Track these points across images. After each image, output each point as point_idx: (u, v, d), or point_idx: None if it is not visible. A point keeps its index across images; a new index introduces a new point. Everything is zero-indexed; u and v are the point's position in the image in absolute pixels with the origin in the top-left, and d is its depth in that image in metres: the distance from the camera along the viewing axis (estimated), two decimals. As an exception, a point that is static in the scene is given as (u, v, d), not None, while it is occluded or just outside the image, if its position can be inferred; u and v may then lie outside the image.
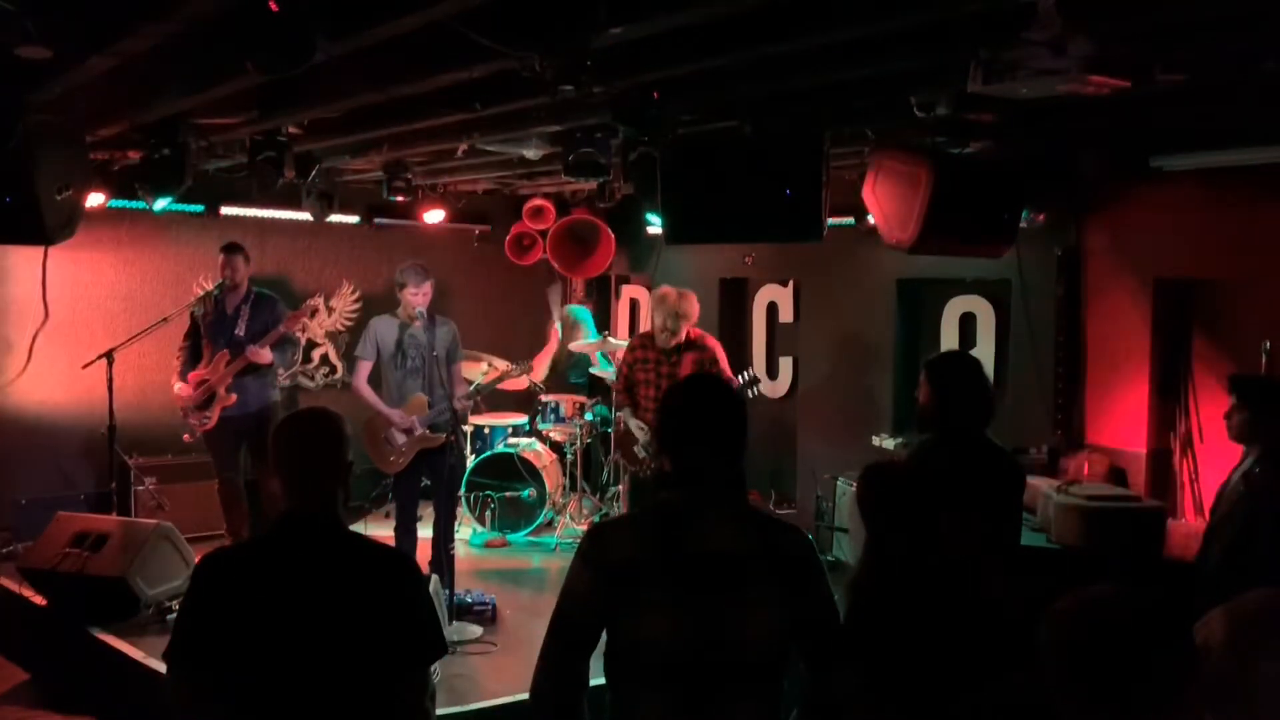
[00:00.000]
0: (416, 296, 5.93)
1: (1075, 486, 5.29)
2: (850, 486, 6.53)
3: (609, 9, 3.13)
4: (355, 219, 8.68)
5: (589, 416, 8.17)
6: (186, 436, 6.71)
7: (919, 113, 4.30)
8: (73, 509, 6.67)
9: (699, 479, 2.36)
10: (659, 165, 4.87)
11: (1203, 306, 5.65)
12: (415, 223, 8.63)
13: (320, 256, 8.83)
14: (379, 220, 8.74)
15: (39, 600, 5.92)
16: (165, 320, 6.92)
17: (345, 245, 8.89)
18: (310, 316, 8.60)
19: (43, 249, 4.96)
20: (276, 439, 2.53)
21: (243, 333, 6.60)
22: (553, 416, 8.35)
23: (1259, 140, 4.88)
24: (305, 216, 7.93)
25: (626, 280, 9.59)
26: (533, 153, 5.78)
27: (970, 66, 3.34)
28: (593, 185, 7.10)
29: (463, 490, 7.59)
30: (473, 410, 8.00)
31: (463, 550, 7.09)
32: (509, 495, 7.80)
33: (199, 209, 7.81)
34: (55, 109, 4.47)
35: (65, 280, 7.43)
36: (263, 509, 6.54)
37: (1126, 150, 5.47)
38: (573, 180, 6.78)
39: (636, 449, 6.78)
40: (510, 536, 7.80)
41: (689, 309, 6.48)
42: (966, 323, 6.74)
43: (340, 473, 2.51)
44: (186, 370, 6.67)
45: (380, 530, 7.16)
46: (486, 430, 8.23)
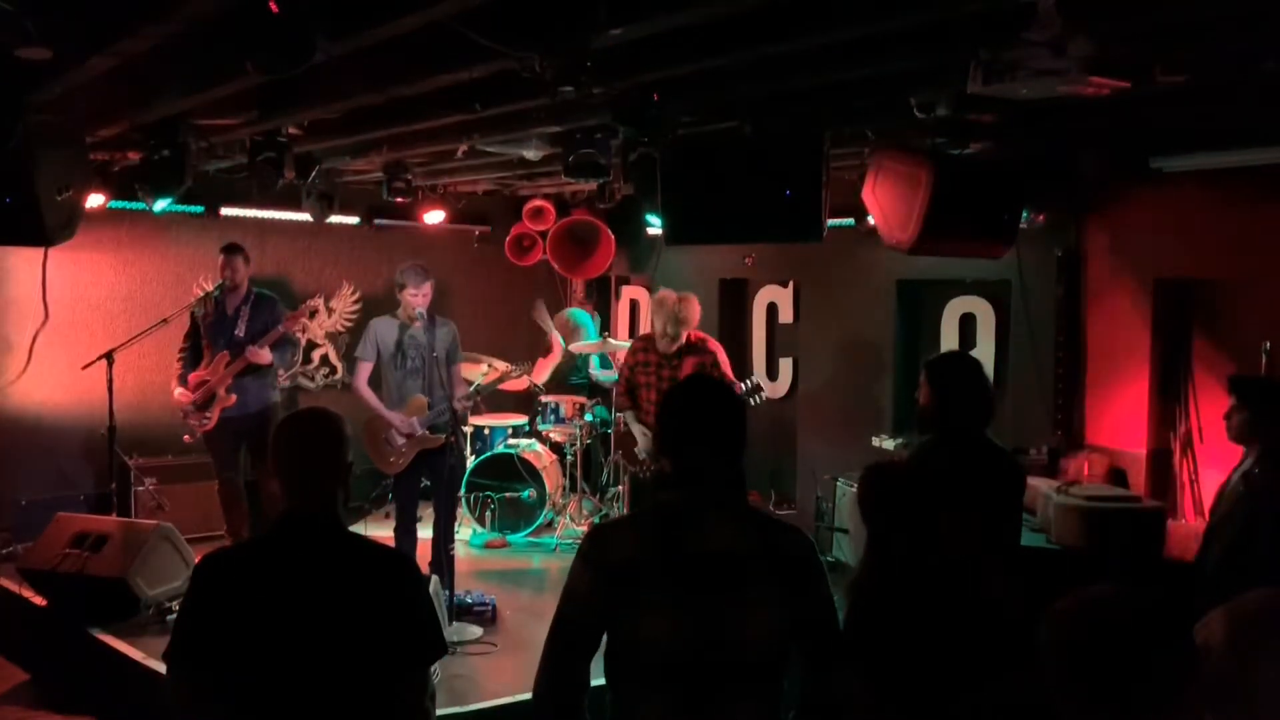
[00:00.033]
0: (416, 297, 5.93)
1: (1075, 487, 5.29)
2: (850, 487, 6.53)
3: (609, 9, 3.13)
4: (355, 220, 8.68)
5: (589, 417, 8.17)
6: (187, 437, 6.71)
7: (919, 113, 4.31)
8: (73, 509, 6.68)
9: (699, 479, 2.36)
10: (659, 166, 4.87)
11: (1203, 306, 5.65)
12: (415, 223, 8.63)
13: (320, 257, 8.84)
14: (379, 221, 8.74)
15: (39, 600, 5.93)
16: (165, 321, 6.92)
17: (345, 246, 8.89)
18: (310, 317, 8.60)
19: (43, 250, 4.97)
20: (276, 439, 2.52)
21: (243, 333, 6.60)
22: (553, 417, 8.35)
23: (1259, 140, 4.89)
24: (305, 217, 7.93)
25: (626, 281, 9.58)
26: (533, 153, 5.78)
27: (970, 67, 3.34)
28: (593, 186, 7.11)
29: (463, 491, 7.59)
30: (473, 411, 8.00)
31: (463, 551, 7.09)
32: (509, 496, 7.80)
33: (199, 210, 7.81)
34: (55, 109, 4.47)
35: (65, 281, 7.43)
36: (263, 509, 6.54)
37: (1126, 150, 5.47)
38: (573, 181, 6.79)
39: (636, 450, 6.79)
40: (510, 537, 7.81)
41: (689, 313, 6.46)
42: (966, 323, 6.74)
43: (340, 473, 2.51)
44: (187, 372, 6.67)
45: (380, 531, 7.16)
46: (486, 431, 8.23)
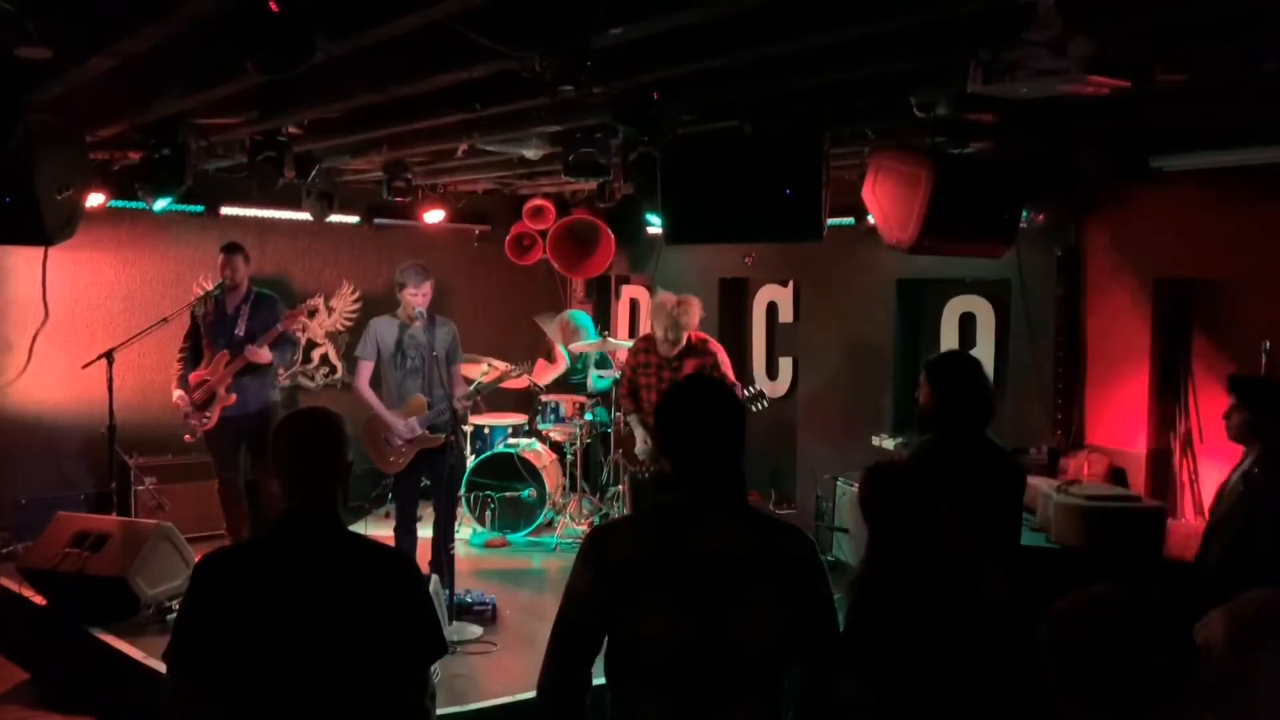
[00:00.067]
0: (416, 297, 5.93)
1: (1075, 486, 5.29)
2: (850, 487, 6.53)
3: (609, 9, 3.13)
4: (355, 219, 8.67)
5: (589, 416, 8.17)
6: (187, 437, 6.71)
7: (919, 113, 4.31)
8: (73, 509, 6.68)
9: (699, 479, 2.36)
10: (659, 165, 4.87)
11: (1203, 306, 5.64)
12: (415, 223, 8.63)
13: (320, 256, 8.83)
14: (379, 220, 8.74)
15: (39, 600, 5.92)
16: (165, 320, 6.91)
17: (345, 245, 8.89)
18: (310, 316, 8.60)
19: (43, 249, 4.96)
20: (276, 439, 2.52)
21: (242, 333, 6.60)
22: (553, 417, 8.35)
23: (1259, 140, 4.89)
24: (305, 216, 7.93)
25: (626, 280, 9.58)
26: (533, 153, 5.78)
27: (970, 66, 3.34)
28: (593, 185, 7.10)
29: (463, 490, 7.59)
30: (473, 410, 8.00)
31: (463, 550, 7.09)
32: (509, 495, 7.80)
33: (199, 209, 7.81)
34: (55, 109, 4.47)
35: (65, 280, 7.43)
36: (263, 509, 6.54)
37: (1126, 150, 5.47)
38: (573, 180, 6.78)
39: (636, 450, 6.79)
40: (510, 536, 7.81)
41: (688, 317, 6.44)
42: (966, 323, 6.74)
43: (340, 473, 2.51)
44: (187, 371, 6.67)
45: (380, 530, 7.16)
46: (486, 430, 8.23)
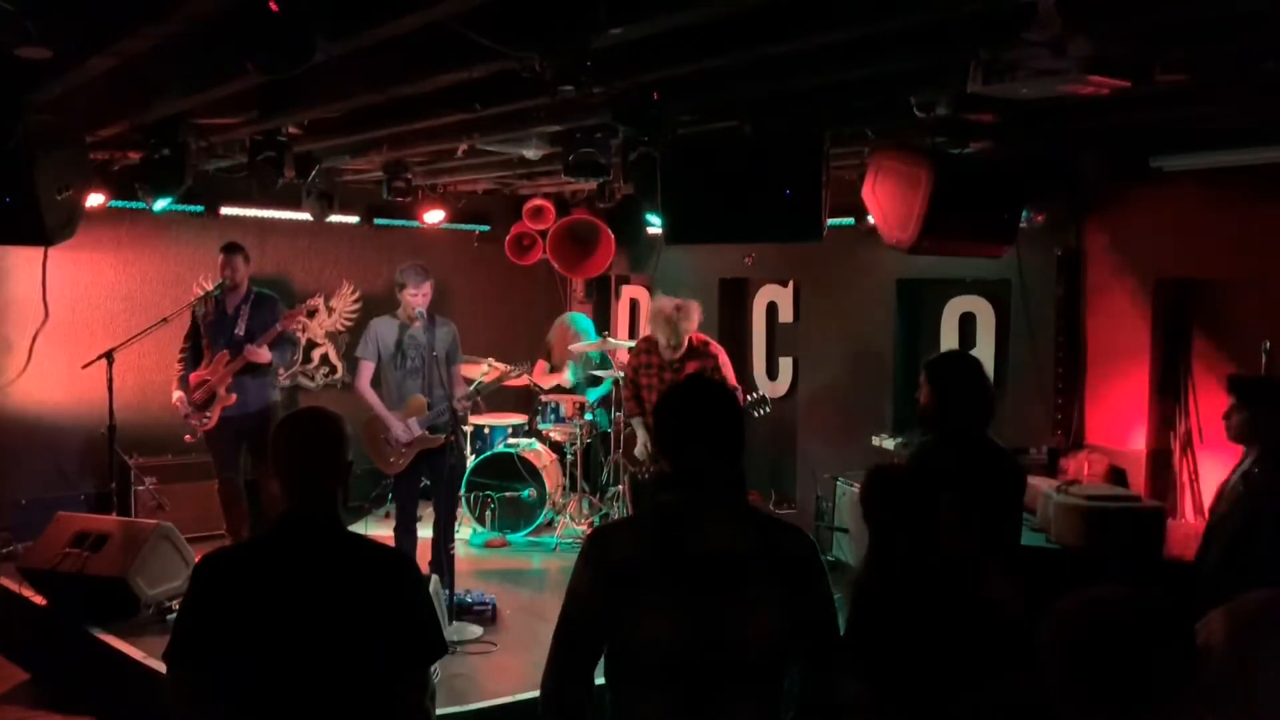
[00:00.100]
0: (416, 297, 5.93)
1: (1075, 486, 5.29)
2: (850, 487, 6.53)
3: (609, 9, 3.13)
4: (355, 219, 8.67)
5: (589, 417, 8.17)
6: (188, 437, 6.71)
7: (919, 113, 4.31)
8: (73, 509, 6.68)
9: (699, 480, 2.36)
10: (659, 165, 4.87)
11: (1203, 306, 5.64)
12: (415, 223, 8.63)
13: (320, 256, 8.83)
14: (379, 220, 8.74)
15: (39, 600, 5.92)
16: (165, 320, 6.91)
17: (345, 245, 8.89)
18: (310, 316, 8.60)
19: (43, 249, 4.96)
20: (276, 439, 2.52)
21: (242, 332, 6.60)
22: (553, 417, 8.35)
23: (1259, 140, 4.89)
24: (305, 216, 7.93)
25: (626, 280, 9.58)
26: (533, 153, 5.78)
27: (970, 66, 3.34)
28: (593, 185, 7.10)
29: (463, 490, 7.59)
30: (473, 410, 8.00)
31: (463, 550, 7.09)
32: (509, 495, 7.80)
33: (199, 209, 7.81)
34: (55, 109, 4.46)
35: (65, 280, 7.43)
36: (263, 509, 6.54)
37: (1126, 150, 5.47)
38: (573, 180, 6.78)
39: (636, 451, 6.80)
40: (510, 536, 7.81)
41: (688, 322, 6.44)
42: (966, 323, 6.74)
43: (340, 473, 2.51)
44: (188, 372, 6.67)
45: (380, 530, 7.16)
46: (486, 430, 8.23)
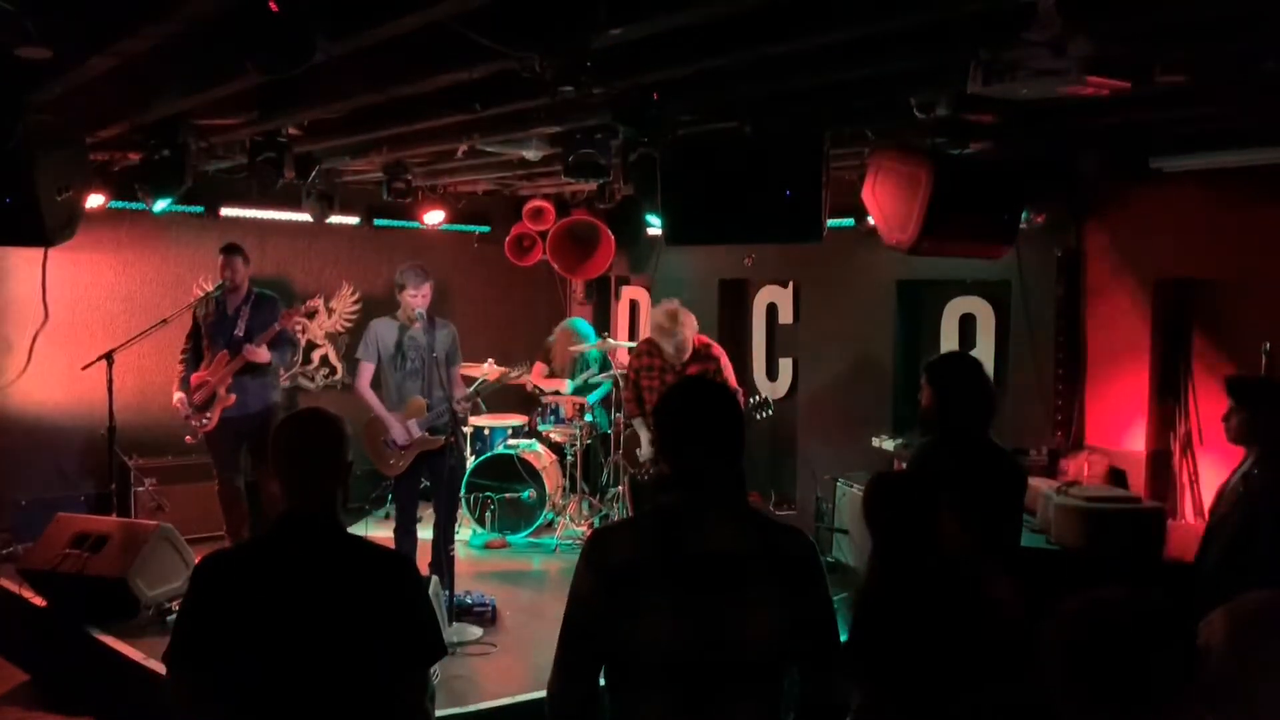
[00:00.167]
0: (416, 298, 5.93)
1: (1075, 487, 5.29)
2: (850, 487, 6.53)
3: (609, 9, 3.13)
4: (355, 220, 8.67)
5: (589, 418, 8.17)
6: (189, 438, 6.71)
7: (919, 113, 4.31)
8: (73, 510, 6.68)
9: (698, 481, 2.36)
10: (659, 166, 4.87)
11: (1203, 307, 5.64)
12: (415, 223, 8.63)
13: (320, 257, 8.83)
14: (379, 221, 8.74)
15: (39, 601, 5.93)
16: (165, 321, 6.92)
17: (345, 246, 8.89)
18: (310, 317, 8.60)
19: (43, 250, 4.96)
20: (276, 440, 2.52)
21: (242, 332, 6.60)
22: (553, 418, 8.35)
23: (1259, 140, 4.88)
24: (305, 217, 7.93)
25: (626, 281, 9.58)
26: (533, 153, 5.78)
27: (970, 67, 3.34)
28: (593, 186, 7.10)
29: (463, 491, 7.58)
30: (473, 412, 8.00)
31: (463, 551, 7.09)
32: (509, 496, 7.80)
33: (199, 210, 7.81)
34: (55, 109, 4.46)
35: (65, 281, 7.43)
36: (263, 509, 6.54)
37: (1126, 150, 5.47)
38: (573, 181, 6.78)
39: (637, 451, 6.80)
40: (510, 538, 7.81)
41: (688, 330, 6.45)
42: (966, 324, 6.74)
43: (340, 474, 2.51)
44: (188, 372, 6.68)
45: (380, 532, 7.16)
46: (486, 431, 8.23)
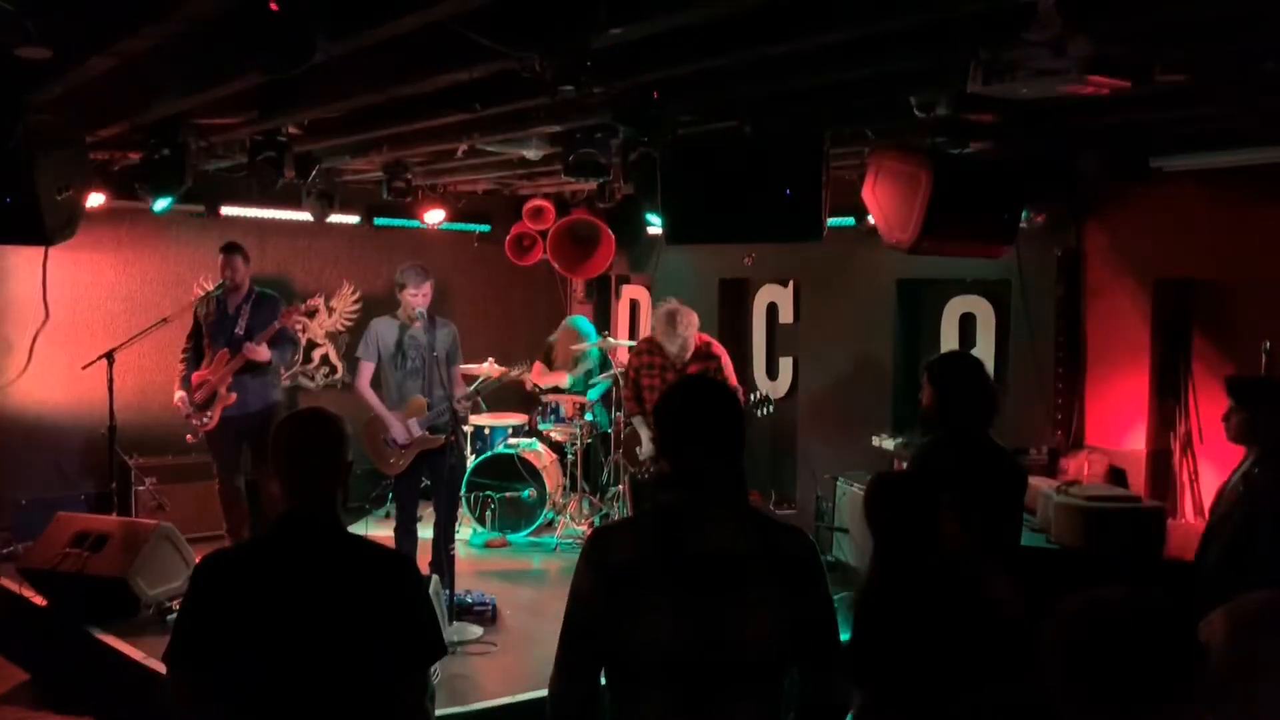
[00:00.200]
0: (416, 297, 5.93)
1: (1075, 487, 5.29)
2: (850, 487, 6.53)
3: (609, 9, 3.12)
4: (355, 219, 8.67)
5: (589, 417, 8.17)
6: (189, 437, 6.71)
7: (919, 113, 4.31)
8: (73, 509, 6.68)
9: (698, 480, 2.36)
10: (659, 165, 4.87)
11: (1203, 306, 5.64)
12: (415, 223, 8.63)
13: (320, 257, 8.84)
14: (379, 220, 8.74)
15: (39, 600, 5.93)
16: (165, 321, 6.92)
17: (345, 245, 8.89)
18: (310, 316, 8.60)
19: (43, 249, 4.96)
20: (276, 439, 2.52)
21: (243, 331, 6.60)
22: (553, 417, 8.35)
23: (1259, 140, 4.88)
24: (305, 216, 7.92)
25: (627, 280, 9.58)
26: (533, 153, 5.78)
27: (970, 66, 3.34)
28: (593, 185, 7.10)
29: (463, 491, 7.58)
30: (474, 411, 8.00)
31: (463, 550, 7.09)
32: (509, 495, 7.80)
33: (199, 209, 7.79)
34: (55, 109, 4.46)
35: (65, 280, 7.43)
36: (263, 509, 6.54)
37: (1126, 150, 5.47)
38: (573, 180, 6.78)
39: (638, 450, 6.80)
40: (510, 537, 7.81)
41: (691, 329, 6.48)
42: (966, 323, 6.74)
43: (340, 473, 2.51)
44: (190, 372, 6.68)
45: (380, 531, 7.17)
46: (487, 430, 8.23)
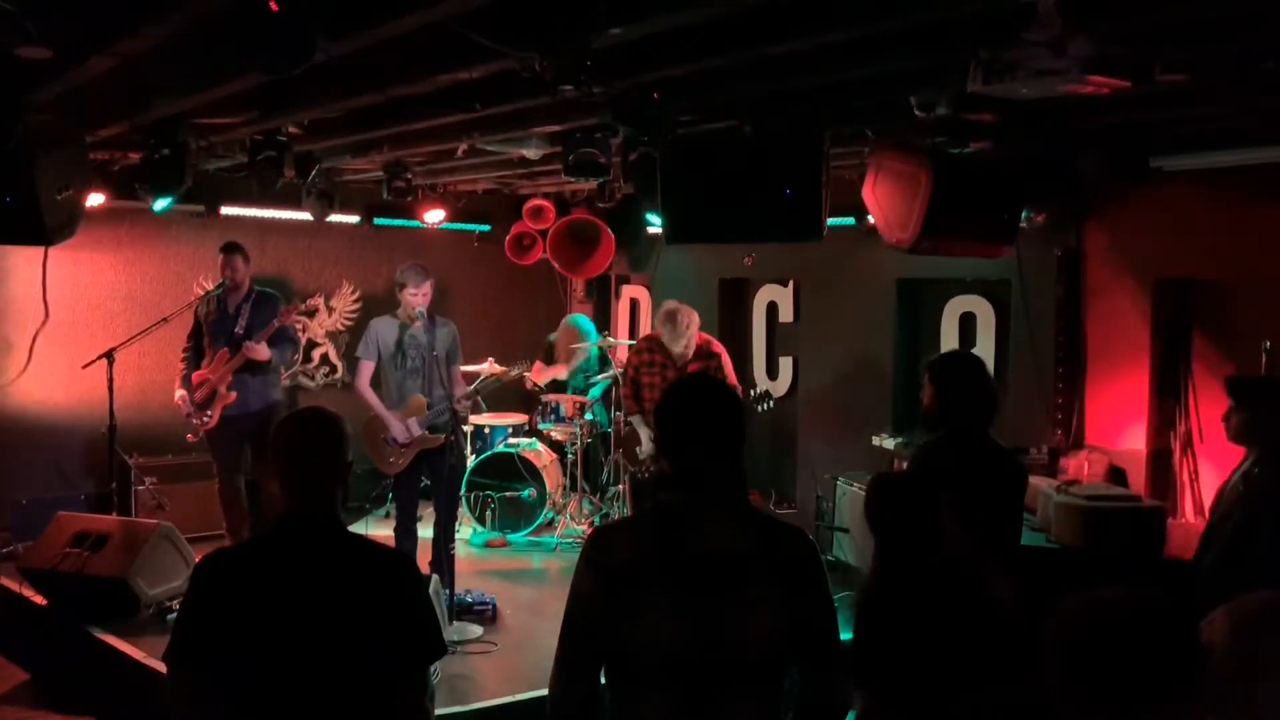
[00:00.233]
0: (416, 297, 5.93)
1: (1075, 486, 5.29)
2: (850, 486, 6.53)
3: (609, 9, 3.12)
4: (355, 219, 8.67)
5: (589, 416, 8.17)
6: (190, 437, 6.71)
7: (919, 113, 4.31)
8: (73, 509, 6.67)
9: (699, 480, 2.35)
10: (659, 165, 4.87)
11: (1203, 306, 5.64)
12: (415, 223, 8.63)
13: (320, 256, 8.83)
14: (379, 220, 8.74)
15: (39, 600, 5.92)
16: (165, 320, 6.92)
17: (345, 245, 8.89)
18: (310, 316, 8.61)
19: (43, 249, 4.96)
20: (276, 439, 2.52)
21: (243, 330, 6.61)
22: (553, 416, 8.35)
23: (1259, 140, 4.88)
24: (305, 216, 7.93)
25: (627, 280, 9.58)
26: (533, 153, 5.78)
27: (970, 66, 3.34)
28: (593, 185, 7.10)
29: (463, 490, 7.58)
30: (473, 410, 7.99)
31: (463, 550, 7.09)
32: (509, 495, 7.80)
33: (199, 209, 7.80)
34: (55, 109, 4.47)
35: (65, 280, 7.43)
36: (263, 509, 6.54)
37: (1126, 150, 5.47)
38: (573, 180, 6.78)
39: (638, 449, 6.79)
40: (510, 536, 7.81)
41: (694, 328, 6.51)
42: (966, 323, 6.74)
43: (340, 473, 2.51)
44: (190, 371, 6.68)
45: (380, 531, 7.17)
46: (487, 430, 8.23)
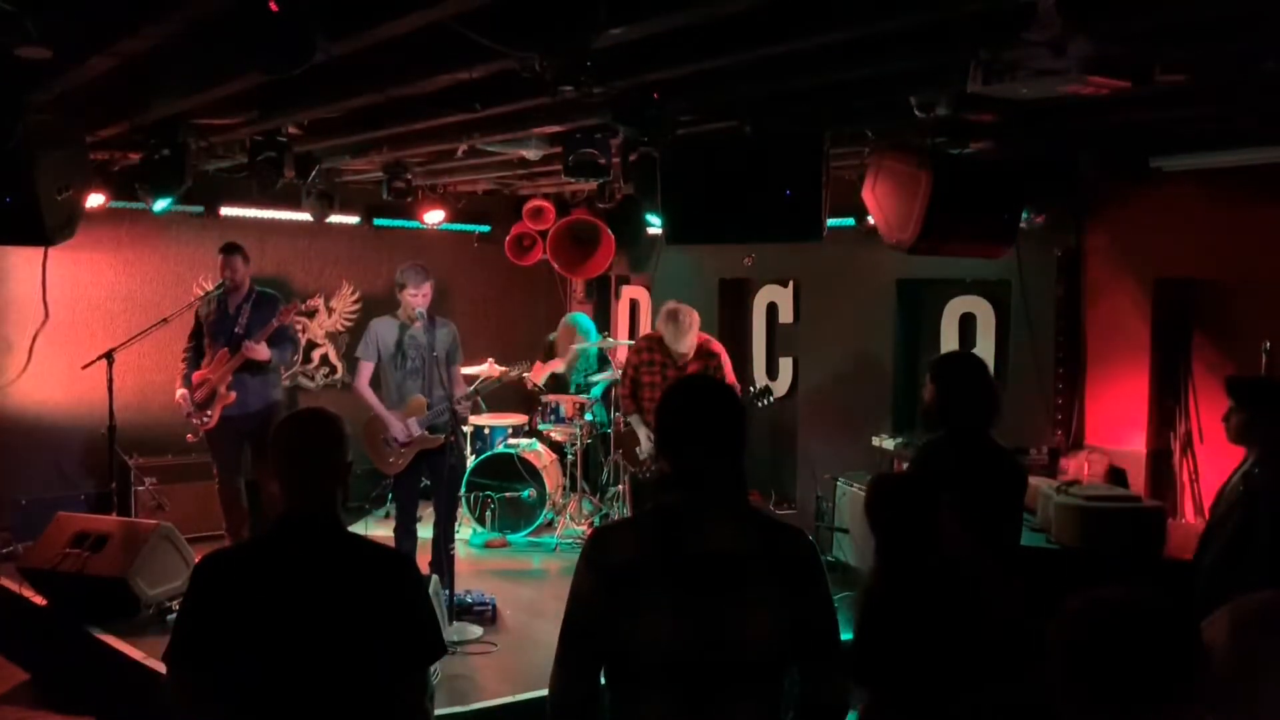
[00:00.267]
0: (416, 297, 5.93)
1: (1075, 486, 5.29)
2: (850, 487, 6.53)
3: (609, 9, 3.13)
4: (355, 219, 8.67)
5: (589, 417, 8.17)
6: (190, 436, 6.71)
7: (919, 113, 4.31)
8: (73, 509, 6.68)
9: (699, 480, 2.35)
10: (659, 165, 4.87)
11: (1203, 306, 5.65)
12: (415, 223, 8.63)
13: (320, 257, 8.83)
14: (379, 220, 8.74)
15: (39, 600, 5.92)
16: (165, 321, 6.92)
17: (345, 245, 8.89)
18: (310, 316, 8.61)
19: (43, 249, 4.97)
20: (275, 439, 2.52)
21: (242, 330, 6.60)
22: (553, 417, 8.34)
23: (1259, 140, 4.89)
24: (305, 217, 7.93)
25: (626, 281, 9.58)
26: (533, 153, 5.78)
27: (970, 66, 3.34)
28: (593, 185, 7.10)
29: (463, 490, 7.58)
30: (473, 411, 7.99)
31: (463, 550, 7.09)
32: (509, 495, 7.80)
33: (199, 209, 7.81)
34: (55, 109, 4.47)
35: (65, 280, 7.43)
36: (263, 509, 6.54)
37: (1126, 150, 5.47)
38: (573, 180, 6.79)
39: (638, 449, 6.79)
40: (510, 537, 7.80)
41: (695, 327, 6.51)
42: (966, 323, 6.74)
43: (339, 473, 2.51)
44: (191, 371, 6.68)
45: (380, 531, 7.17)
46: (486, 430, 8.23)
